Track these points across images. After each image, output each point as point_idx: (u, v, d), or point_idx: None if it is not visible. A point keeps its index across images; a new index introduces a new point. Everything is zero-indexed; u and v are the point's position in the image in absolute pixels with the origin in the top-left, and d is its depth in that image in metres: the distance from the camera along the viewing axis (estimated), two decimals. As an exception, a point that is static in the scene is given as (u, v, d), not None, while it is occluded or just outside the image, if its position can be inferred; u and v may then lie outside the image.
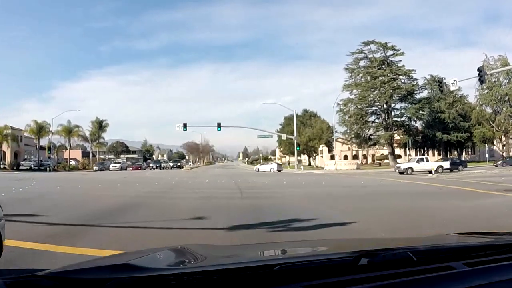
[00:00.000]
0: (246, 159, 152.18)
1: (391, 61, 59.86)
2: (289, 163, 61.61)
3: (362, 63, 60.41)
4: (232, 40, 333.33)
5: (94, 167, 61.43)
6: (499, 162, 45.08)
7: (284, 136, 50.93)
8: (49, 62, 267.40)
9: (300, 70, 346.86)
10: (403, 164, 32.29)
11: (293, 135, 50.93)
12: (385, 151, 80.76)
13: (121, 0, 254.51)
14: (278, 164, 56.70)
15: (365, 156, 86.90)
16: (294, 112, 51.32)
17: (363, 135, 60.99)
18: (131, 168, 62.42)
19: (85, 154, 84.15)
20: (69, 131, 69.23)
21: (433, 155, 73.43)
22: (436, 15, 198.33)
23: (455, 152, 68.37)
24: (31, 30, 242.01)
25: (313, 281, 1.18)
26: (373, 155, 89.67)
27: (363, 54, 60.13)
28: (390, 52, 59.84)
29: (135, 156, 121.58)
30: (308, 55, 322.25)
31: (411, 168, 30.88)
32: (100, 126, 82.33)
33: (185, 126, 50.28)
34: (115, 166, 59.41)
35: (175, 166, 69.32)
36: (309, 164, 72.08)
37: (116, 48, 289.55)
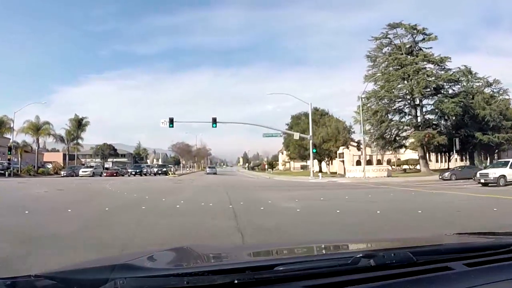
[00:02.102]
0: (247, 164, 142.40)
1: (420, 48, 49.91)
2: (306, 168, 50.97)
3: (385, 50, 50.52)
4: (232, 44, 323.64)
5: (62, 172, 50.80)
6: (447, 173, 32.41)
7: (296, 135, 39.99)
8: (49, 63, 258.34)
9: (301, 75, 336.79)
10: (491, 170, 21.06)
11: (306, 134, 40.29)
12: (403, 155, 70.80)
13: (120, 4, 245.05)
14: (209, 167, 72.62)
15: (379, 162, 76.38)
16: (310, 106, 40.38)
17: (388, 135, 50.50)
18: (105, 174, 51.69)
19: (70, 157, 72.68)
20: (37, 128, 58.58)
21: (455, 160, 63.14)
22: (436, 18, 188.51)
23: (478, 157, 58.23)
24: (31, 30, 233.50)
25: (313, 281, 1.18)
26: (389, 160, 79.20)
27: (387, 40, 50.16)
28: (420, 37, 49.90)
29: (124, 160, 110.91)
30: (308, 58, 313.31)
31: (503, 177, 20.03)
32: (79, 124, 71.82)
33: (171, 121, 40.89)
34: (86, 171, 48.51)
35: (159, 171, 57.98)
36: (320, 170, 61.21)
37: (115, 52, 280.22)
